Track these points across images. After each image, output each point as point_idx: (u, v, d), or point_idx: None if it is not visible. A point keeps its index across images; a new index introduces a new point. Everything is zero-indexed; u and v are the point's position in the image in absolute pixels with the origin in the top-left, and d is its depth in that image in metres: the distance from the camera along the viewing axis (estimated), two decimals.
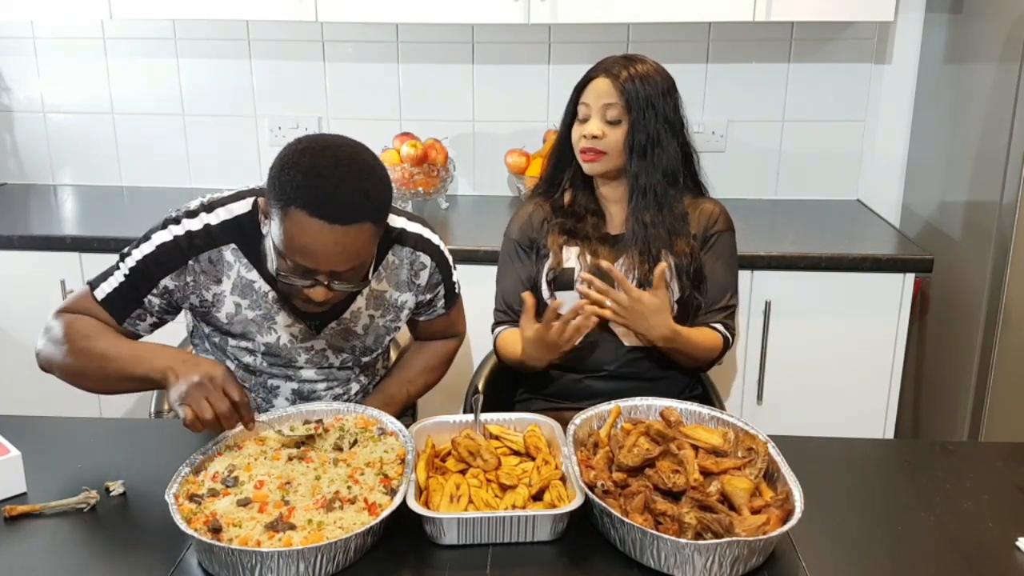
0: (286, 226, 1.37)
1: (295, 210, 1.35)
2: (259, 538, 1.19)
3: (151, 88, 2.89)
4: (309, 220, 1.35)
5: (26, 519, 1.33)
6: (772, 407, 2.46)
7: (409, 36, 2.80)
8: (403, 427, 1.45)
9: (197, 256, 1.55)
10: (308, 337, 1.65)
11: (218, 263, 1.57)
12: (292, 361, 1.67)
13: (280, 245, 1.40)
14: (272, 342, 1.64)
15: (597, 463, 1.36)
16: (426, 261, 1.67)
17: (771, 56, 2.76)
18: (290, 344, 1.65)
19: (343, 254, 1.39)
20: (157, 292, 1.57)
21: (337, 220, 1.35)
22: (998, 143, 2.23)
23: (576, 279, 1.80)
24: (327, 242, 1.36)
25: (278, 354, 1.66)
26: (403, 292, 1.68)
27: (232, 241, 1.56)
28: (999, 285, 2.26)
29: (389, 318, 1.70)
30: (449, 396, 2.49)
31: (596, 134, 1.77)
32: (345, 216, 1.36)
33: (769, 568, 1.23)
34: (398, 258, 1.65)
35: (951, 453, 1.58)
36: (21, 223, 2.68)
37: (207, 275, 1.57)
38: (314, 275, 1.42)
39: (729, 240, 1.88)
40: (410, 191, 2.65)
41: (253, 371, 1.69)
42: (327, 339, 1.66)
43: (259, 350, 1.65)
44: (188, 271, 1.56)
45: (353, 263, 1.42)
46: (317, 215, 1.34)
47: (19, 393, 2.56)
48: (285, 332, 1.63)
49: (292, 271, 1.43)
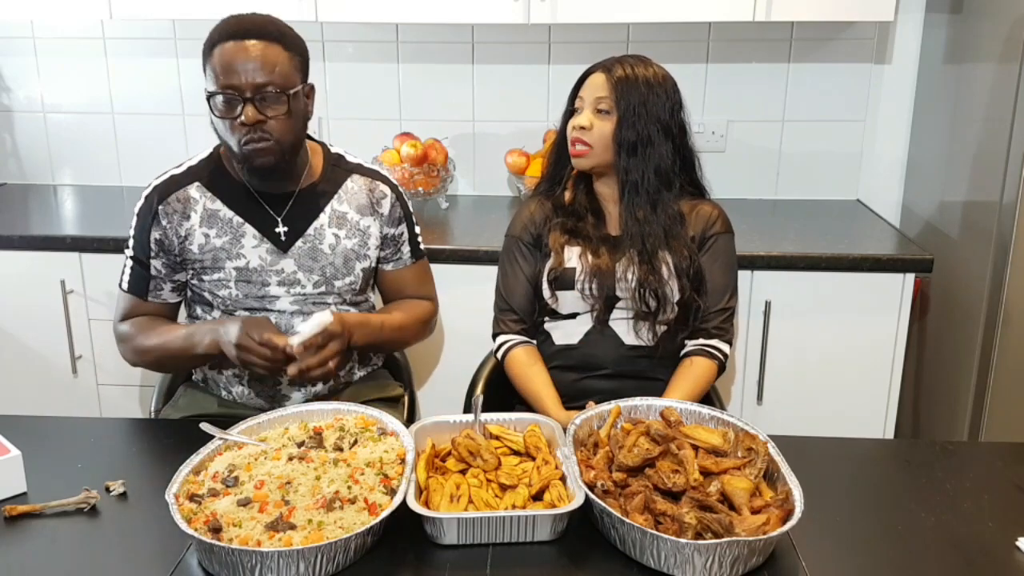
0: (212, 64, 1.63)
1: (217, 47, 1.63)
2: (259, 538, 1.20)
3: (151, 88, 2.89)
4: (226, 45, 1.62)
5: (26, 519, 1.33)
6: (772, 407, 2.46)
7: (409, 36, 2.80)
8: (403, 427, 1.45)
9: (166, 200, 1.75)
10: (277, 258, 1.76)
11: (185, 201, 1.75)
12: (265, 284, 1.76)
13: (212, 86, 1.63)
14: (242, 266, 1.76)
15: (597, 463, 1.36)
16: (386, 191, 1.85)
17: (771, 56, 2.76)
18: (260, 268, 1.76)
19: (260, 65, 1.61)
20: (153, 252, 1.76)
21: (249, 36, 1.62)
22: (998, 143, 2.23)
23: (577, 280, 1.81)
24: (244, 55, 1.61)
25: (250, 279, 1.76)
26: (365, 216, 1.82)
27: (195, 180, 1.77)
28: (999, 285, 2.26)
29: (355, 241, 1.81)
30: (449, 396, 2.49)
31: (584, 125, 1.78)
32: (255, 32, 1.63)
33: (769, 568, 1.23)
34: (356, 185, 1.83)
35: (951, 453, 1.58)
36: (21, 223, 2.68)
37: (177, 213, 1.75)
38: (241, 95, 1.61)
39: (727, 242, 1.88)
40: (410, 191, 2.64)
41: (232, 308, 1.78)
42: (295, 258, 1.77)
43: (231, 277, 1.76)
44: (161, 215, 1.74)
45: (269, 76, 1.62)
46: (233, 37, 1.62)
47: (19, 393, 2.57)
48: (253, 254, 1.76)
49: (224, 106, 1.63)
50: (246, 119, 1.61)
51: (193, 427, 1.49)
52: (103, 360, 2.53)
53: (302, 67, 1.71)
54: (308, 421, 1.49)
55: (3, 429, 1.49)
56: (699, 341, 1.85)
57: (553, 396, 1.80)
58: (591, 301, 1.82)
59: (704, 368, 1.82)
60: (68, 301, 2.47)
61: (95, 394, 2.57)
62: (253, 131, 1.63)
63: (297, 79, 1.68)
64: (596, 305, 1.82)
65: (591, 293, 1.81)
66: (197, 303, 1.83)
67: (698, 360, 1.83)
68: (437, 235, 2.49)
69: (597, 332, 1.84)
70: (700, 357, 1.83)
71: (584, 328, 1.86)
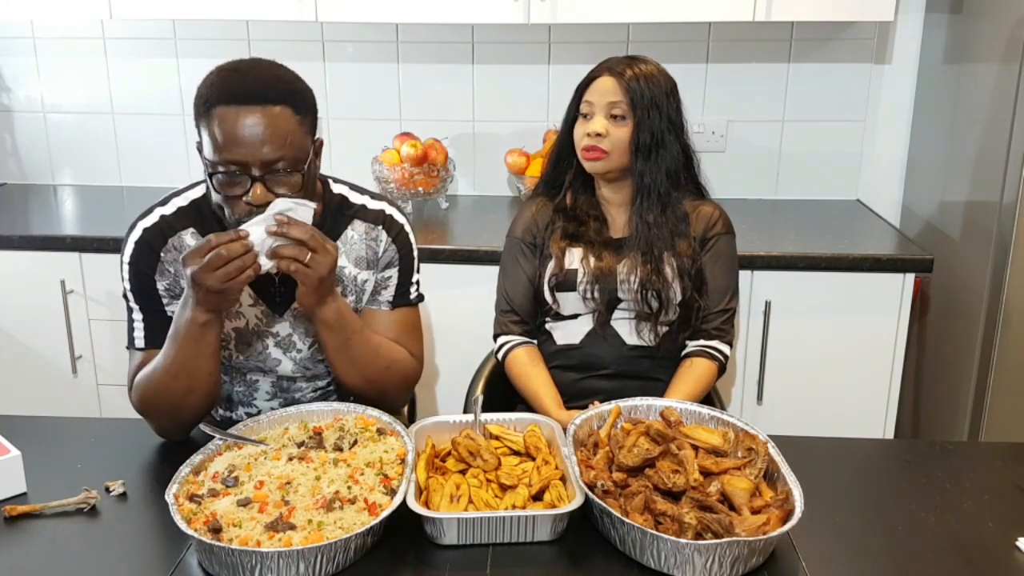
0: (211, 129, 1.40)
1: (214, 110, 1.40)
2: (259, 538, 1.19)
3: (151, 88, 2.89)
4: (227, 110, 1.39)
5: (26, 519, 1.33)
6: (772, 407, 2.46)
7: (409, 36, 2.80)
8: (403, 427, 1.45)
9: (164, 246, 1.58)
10: (272, 320, 1.64)
11: (181, 249, 1.57)
12: (265, 348, 1.66)
13: (211, 155, 1.42)
14: (241, 327, 1.64)
15: (597, 463, 1.36)
16: (382, 236, 1.65)
17: (771, 56, 2.76)
18: (257, 329, 1.65)
19: (268, 137, 1.39)
20: (167, 301, 1.59)
21: (251, 101, 1.39)
22: (998, 143, 2.23)
23: (579, 284, 1.81)
24: (247, 126, 1.39)
25: (249, 341, 1.65)
26: (362, 270, 1.66)
27: (190, 225, 1.59)
28: (999, 285, 2.26)
29: (351, 299, 1.65)
30: (449, 396, 2.49)
31: (600, 131, 1.76)
32: (258, 97, 1.40)
33: (769, 568, 1.23)
34: (356, 234, 1.65)
35: (951, 453, 1.58)
36: (21, 223, 2.68)
37: (177, 262, 1.56)
38: (247, 172, 1.41)
39: (728, 243, 1.88)
40: (410, 191, 2.64)
41: (231, 368, 1.69)
42: (290, 321, 1.64)
43: (231, 338, 1.65)
44: (166, 263, 1.58)
45: (280, 151, 1.41)
46: (233, 102, 1.39)
47: (19, 393, 2.57)
48: (251, 314, 1.63)
49: (227, 180, 1.42)
50: (253, 200, 1.41)
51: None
52: (103, 360, 2.53)
53: (313, 127, 1.49)
54: (308, 421, 1.49)
55: (3, 429, 1.49)
56: (699, 342, 1.85)
57: (554, 396, 1.80)
58: (593, 305, 1.82)
59: (704, 369, 1.82)
60: (68, 301, 2.47)
61: (95, 394, 2.57)
62: (258, 210, 1.41)
63: (309, 144, 1.47)
64: (598, 309, 1.82)
65: (593, 297, 1.81)
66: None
67: (698, 361, 1.83)
68: (437, 235, 2.49)
69: (599, 332, 1.84)
70: (700, 358, 1.83)
71: (585, 328, 1.86)
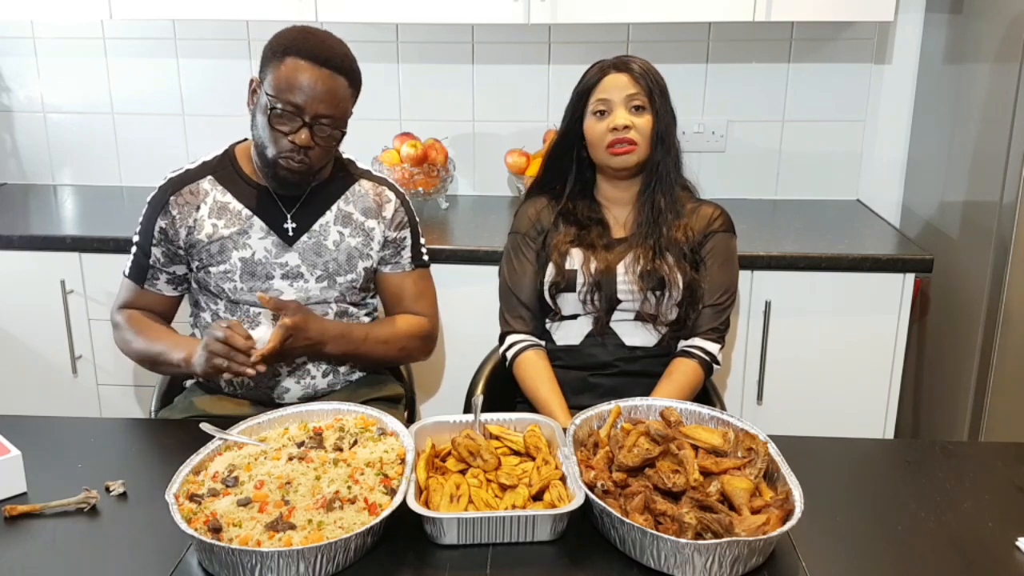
0: (281, 71, 1.63)
1: (291, 58, 1.63)
2: (259, 538, 1.20)
3: (151, 88, 2.89)
4: (301, 63, 1.63)
5: (26, 519, 1.33)
6: (772, 407, 2.46)
7: (409, 36, 2.80)
8: (403, 427, 1.45)
9: (179, 191, 1.79)
10: (281, 251, 1.79)
11: (196, 192, 1.79)
12: (269, 277, 1.78)
13: (273, 91, 1.64)
14: (247, 257, 1.78)
15: (597, 463, 1.36)
16: (391, 196, 1.87)
17: (771, 56, 2.76)
18: (264, 260, 1.78)
19: (326, 96, 1.64)
20: (155, 240, 1.79)
21: (325, 64, 1.64)
22: (998, 143, 2.23)
23: (579, 287, 1.81)
24: (315, 81, 1.63)
25: (254, 272, 1.78)
26: (370, 219, 1.84)
27: (209, 174, 1.81)
28: (999, 285, 2.26)
29: (359, 240, 1.83)
30: (449, 396, 2.49)
31: (627, 124, 1.78)
32: (332, 62, 1.65)
33: (769, 568, 1.23)
34: (363, 188, 1.86)
35: (951, 453, 1.58)
36: (21, 223, 2.67)
37: (188, 204, 1.78)
38: (301, 116, 1.63)
39: (727, 240, 1.88)
40: (410, 191, 2.64)
41: (235, 300, 1.80)
42: (299, 252, 1.79)
43: (236, 269, 1.78)
44: (171, 205, 1.78)
45: (332, 110, 1.65)
46: (309, 59, 1.63)
47: (19, 393, 2.57)
48: (259, 246, 1.78)
49: (281, 117, 1.64)
50: (299, 141, 1.65)
51: (193, 427, 1.49)
52: (103, 360, 2.53)
53: (355, 100, 1.74)
54: (308, 421, 1.50)
55: (3, 429, 1.49)
56: (686, 342, 1.85)
57: (562, 405, 1.80)
58: (592, 310, 1.82)
59: (687, 369, 1.81)
60: (68, 301, 2.47)
61: (95, 394, 2.57)
62: (297, 152, 1.66)
63: (350, 113, 1.73)
64: (598, 313, 1.82)
65: (592, 303, 1.81)
66: (201, 294, 1.84)
67: (681, 362, 1.83)
68: (437, 235, 2.49)
69: (598, 333, 1.84)
70: (684, 359, 1.83)
71: (585, 329, 1.86)
